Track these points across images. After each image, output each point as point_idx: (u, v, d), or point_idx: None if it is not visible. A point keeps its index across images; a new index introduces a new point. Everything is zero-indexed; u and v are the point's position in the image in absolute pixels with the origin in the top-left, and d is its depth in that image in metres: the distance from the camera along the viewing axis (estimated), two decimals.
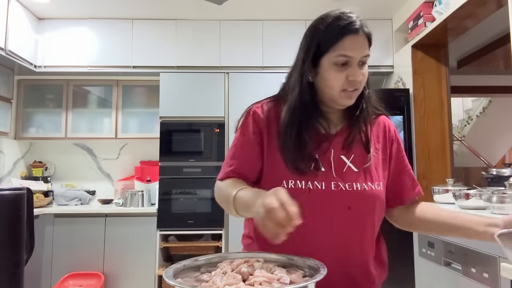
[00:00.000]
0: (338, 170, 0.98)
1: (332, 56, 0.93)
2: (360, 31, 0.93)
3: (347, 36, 0.92)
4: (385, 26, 3.56)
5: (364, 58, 0.94)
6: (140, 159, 3.82)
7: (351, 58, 0.93)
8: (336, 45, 0.93)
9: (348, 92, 0.95)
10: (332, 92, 0.96)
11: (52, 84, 3.71)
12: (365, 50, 0.94)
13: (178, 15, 3.53)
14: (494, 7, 2.47)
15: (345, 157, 0.99)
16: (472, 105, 5.68)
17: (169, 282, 0.65)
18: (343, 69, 0.94)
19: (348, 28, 0.93)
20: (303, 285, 0.62)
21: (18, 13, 3.23)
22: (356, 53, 0.93)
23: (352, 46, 0.93)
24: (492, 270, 1.56)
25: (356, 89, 0.96)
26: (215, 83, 3.41)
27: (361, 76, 0.94)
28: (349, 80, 0.93)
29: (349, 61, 0.93)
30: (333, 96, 0.97)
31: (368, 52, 0.95)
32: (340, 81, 0.94)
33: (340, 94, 0.96)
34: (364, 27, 0.94)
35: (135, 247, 3.19)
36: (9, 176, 3.55)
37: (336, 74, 0.94)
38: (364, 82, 0.97)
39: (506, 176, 2.29)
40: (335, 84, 0.95)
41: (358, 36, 0.93)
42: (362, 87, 0.97)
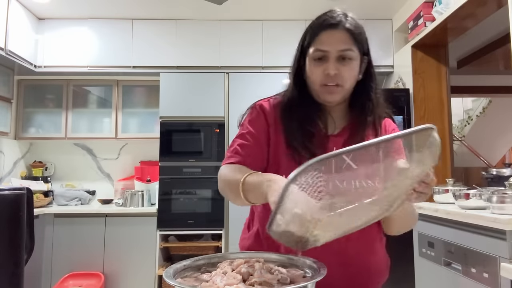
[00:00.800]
0: None
1: (311, 51, 0.97)
2: (338, 26, 0.95)
3: (323, 31, 0.95)
4: (385, 26, 3.56)
5: (343, 53, 0.94)
6: (140, 159, 3.82)
7: (327, 53, 0.94)
8: (314, 41, 0.96)
9: (328, 87, 0.96)
10: (314, 87, 0.98)
11: (52, 84, 3.71)
12: (342, 45, 0.94)
13: (178, 15, 3.53)
14: (494, 7, 2.47)
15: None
16: (472, 105, 5.68)
17: (169, 282, 0.65)
18: (321, 64, 0.95)
19: (324, 24, 0.96)
20: (303, 285, 0.62)
21: (18, 13, 3.23)
22: (331, 47, 0.94)
23: (328, 40, 0.94)
24: (492, 270, 1.56)
25: (337, 85, 0.96)
26: (215, 83, 3.41)
27: (335, 70, 0.94)
28: (325, 74, 0.94)
29: (326, 56, 0.95)
30: (316, 91, 0.99)
31: (349, 47, 0.95)
32: (317, 75, 0.96)
33: (320, 89, 0.97)
34: (345, 23, 0.95)
35: (135, 247, 3.19)
36: (9, 176, 3.55)
37: (314, 68, 0.97)
38: (348, 78, 0.96)
39: (506, 176, 2.29)
40: (314, 78, 0.97)
41: (335, 31, 0.95)
42: (346, 83, 0.96)
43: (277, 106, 1.05)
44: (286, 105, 1.03)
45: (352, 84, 0.99)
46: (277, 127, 1.02)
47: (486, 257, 1.60)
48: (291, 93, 1.04)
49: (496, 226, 1.53)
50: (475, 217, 1.67)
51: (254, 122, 1.04)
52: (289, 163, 0.95)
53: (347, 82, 0.96)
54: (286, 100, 1.04)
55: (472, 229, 1.73)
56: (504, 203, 1.60)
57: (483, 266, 1.61)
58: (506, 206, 1.59)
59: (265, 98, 1.09)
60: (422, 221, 2.21)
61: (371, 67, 1.04)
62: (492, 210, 1.67)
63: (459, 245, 1.81)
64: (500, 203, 1.62)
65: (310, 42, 0.97)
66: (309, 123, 0.99)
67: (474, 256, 1.68)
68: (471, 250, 1.71)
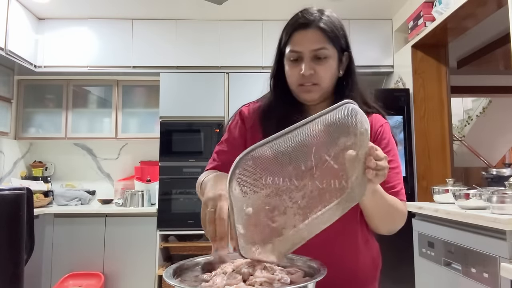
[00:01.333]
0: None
1: (287, 52, 0.98)
2: (310, 26, 0.94)
3: (295, 32, 0.96)
4: (385, 26, 3.56)
5: (318, 52, 0.94)
6: (140, 159, 3.82)
7: (300, 53, 0.95)
8: (288, 42, 0.97)
9: (305, 86, 0.96)
10: (292, 87, 1.00)
11: (52, 84, 3.71)
12: (316, 44, 0.94)
13: (178, 15, 3.53)
14: (494, 7, 2.47)
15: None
16: (472, 105, 5.68)
17: (169, 282, 0.65)
18: (297, 64, 0.96)
19: (296, 24, 0.97)
20: (303, 285, 0.62)
21: (18, 13, 3.23)
22: (304, 47, 0.94)
23: (300, 41, 0.95)
24: (492, 270, 1.56)
25: (314, 84, 0.96)
26: (215, 83, 3.41)
27: (310, 70, 0.94)
28: (301, 74, 0.95)
29: (300, 56, 0.95)
30: (294, 91, 1.00)
31: (322, 46, 0.94)
32: (294, 76, 0.97)
33: (298, 88, 0.98)
34: (318, 22, 0.95)
35: (135, 247, 3.19)
36: (9, 176, 3.55)
37: (291, 69, 0.98)
38: (324, 77, 0.96)
39: (506, 176, 2.29)
40: (291, 80, 0.98)
41: (307, 31, 0.95)
42: (323, 81, 0.96)
43: (256, 110, 1.06)
44: (265, 107, 1.05)
45: (330, 82, 0.99)
46: (254, 131, 1.03)
47: (486, 257, 1.60)
48: (271, 95, 1.06)
49: (496, 226, 1.53)
50: (475, 217, 1.67)
51: (232, 128, 1.07)
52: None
53: (323, 81, 0.97)
54: (266, 102, 1.06)
55: (472, 229, 1.73)
56: (504, 203, 1.60)
57: (483, 266, 1.61)
58: (506, 206, 1.59)
59: (247, 103, 1.12)
60: (422, 221, 2.21)
61: (352, 63, 1.02)
62: (492, 210, 1.67)
63: (459, 245, 1.81)
64: (500, 203, 1.62)
65: (285, 43, 0.99)
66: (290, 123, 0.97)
67: (474, 256, 1.68)
68: (471, 250, 1.71)
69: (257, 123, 1.04)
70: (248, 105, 1.11)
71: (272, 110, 1.03)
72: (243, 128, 1.06)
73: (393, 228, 0.98)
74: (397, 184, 1.00)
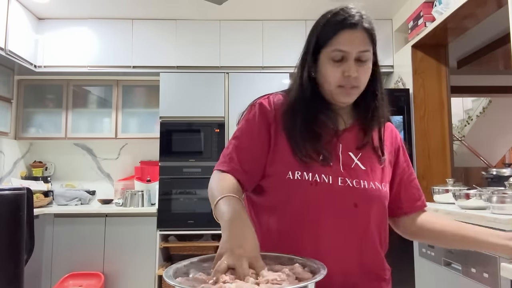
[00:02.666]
0: (346, 166, 0.95)
1: (329, 51, 0.93)
2: (357, 26, 0.92)
3: (342, 31, 0.91)
4: (385, 26, 3.56)
5: (362, 54, 0.92)
6: (140, 159, 3.81)
7: (347, 53, 0.91)
8: (332, 40, 0.92)
9: (345, 88, 0.93)
10: (329, 87, 0.95)
11: (52, 84, 3.71)
12: (362, 46, 0.92)
13: (178, 15, 3.52)
14: (494, 7, 2.47)
15: (353, 154, 0.97)
16: (472, 105, 5.68)
17: (169, 282, 0.65)
18: (339, 65, 0.92)
19: (344, 23, 0.92)
20: (303, 285, 0.62)
21: (18, 13, 3.23)
22: (352, 48, 0.91)
23: (348, 41, 0.91)
24: (492, 270, 1.56)
25: (354, 87, 0.93)
26: (215, 83, 3.41)
27: (356, 72, 0.91)
28: (345, 76, 0.91)
29: (345, 56, 0.91)
30: (331, 92, 0.96)
31: (367, 48, 0.93)
32: (336, 76, 0.93)
33: (337, 90, 0.94)
34: (364, 23, 0.93)
35: (135, 247, 3.19)
36: (9, 176, 3.55)
37: (332, 69, 0.93)
38: (364, 80, 0.94)
39: (506, 176, 2.29)
40: (331, 80, 0.94)
41: (355, 31, 0.91)
42: (362, 84, 0.95)
43: (278, 105, 1.00)
44: (290, 105, 0.98)
45: (365, 85, 0.97)
46: (278, 126, 0.97)
47: (486, 257, 1.60)
48: (296, 93, 0.99)
49: (496, 226, 1.53)
50: (475, 217, 1.67)
51: (252, 121, 0.98)
52: (294, 163, 0.92)
53: (363, 83, 0.95)
54: (291, 100, 0.99)
55: None
56: (504, 203, 1.60)
57: (483, 266, 1.61)
58: (506, 206, 1.59)
59: (265, 96, 1.04)
60: None
61: (377, 66, 1.00)
62: (492, 210, 1.67)
63: None
64: (500, 203, 1.62)
65: (326, 41, 0.93)
66: (315, 123, 0.97)
67: (474, 256, 1.68)
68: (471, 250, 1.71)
69: (279, 119, 0.98)
70: (267, 96, 1.03)
71: (298, 109, 0.97)
72: (265, 121, 0.98)
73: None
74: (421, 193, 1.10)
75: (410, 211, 1.07)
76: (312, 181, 0.91)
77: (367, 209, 0.94)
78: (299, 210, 0.91)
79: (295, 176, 0.91)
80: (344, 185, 0.92)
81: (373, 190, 0.94)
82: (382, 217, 0.98)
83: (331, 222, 0.91)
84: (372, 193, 0.94)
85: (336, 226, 0.91)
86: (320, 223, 0.90)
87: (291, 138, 0.94)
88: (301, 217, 0.91)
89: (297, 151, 0.92)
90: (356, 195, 0.93)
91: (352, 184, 0.93)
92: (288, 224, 0.91)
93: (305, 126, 0.95)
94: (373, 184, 0.95)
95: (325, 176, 0.92)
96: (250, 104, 1.03)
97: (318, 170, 0.92)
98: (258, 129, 0.97)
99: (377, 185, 0.95)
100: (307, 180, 0.91)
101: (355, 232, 0.92)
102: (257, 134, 0.97)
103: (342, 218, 0.92)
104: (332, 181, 0.92)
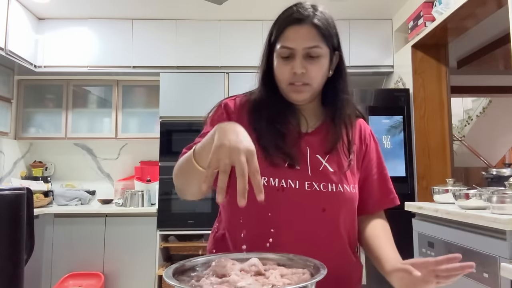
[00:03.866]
0: (314, 169, 0.92)
1: (278, 48, 0.91)
2: (304, 22, 0.89)
3: (289, 27, 0.90)
4: (385, 26, 3.56)
5: (311, 50, 0.89)
6: (140, 159, 3.81)
7: (293, 50, 0.89)
8: (280, 37, 0.91)
9: (295, 86, 0.91)
10: (281, 85, 0.94)
11: (52, 84, 3.71)
12: (309, 42, 0.88)
13: (178, 15, 3.52)
14: (494, 7, 2.47)
15: (321, 156, 0.94)
16: (472, 105, 5.68)
17: (169, 282, 0.65)
18: (288, 62, 0.90)
19: (289, 19, 0.90)
20: (303, 285, 0.62)
21: (18, 13, 3.23)
22: (297, 44, 0.88)
23: (293, 37, 0.89)
24: (492, 270, 1.56)
25: (305, 84, 0.91)
26: (215, 83, 3.41)
27: (302, 69, 0.89)
28: (292, 73, 0.90)
29: (292, 53, 0.89)
30: (283, 90, 0.94)
31: (315, 44, 0.89)
32: (285, 73, 0.91)
33: (288, 88, 0.93)
34: (313, 18, 0.89)
35: (135, 247, 3.19)
36: (9, 176, 3.55)
37: (282, 67, 0.91)
38: (315, 77, 0.91)
39: (506, 176, 2.29)
40: (281, 77, 0.92)
41: (301, 27, 0.89)
42: (314, 81, 0.92)
43: (244, 105, 0.99)
44: (255, 105, 0.98)
45: (321, 82, 0.94)
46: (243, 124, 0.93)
47: (486, 257, 1.60)
48: (260, 92, 0.99)
49: (496, 226, 1.53)
50: (475, 217, 1.67)
51: (217, 121, 0.96)
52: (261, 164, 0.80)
53: (315, 80, 0.92)
54: (255, 99, 0.99)
55: (472, 229, 1.73)
56: (504, 203, 1.60)
57: (483, 266, 1.61)
58: (506, 206, 1.59)
59: (232, 97, 1.03)
60: (422, 221, 2.21)
61: (342, 63, 0.97)
62: (492, 210, 1.67)
63: (459, 245, 1.81)
64: (500, 203, 1.62)
65: (276, 38, 0.92)
66: (280, 122, 0.94)
67: (474, 256, 1.68)
68: (471, 250, 1.71)
69: (245, 119, 0.95)
70: (233, 98, 1.03)
71: (262, 108, 0.96)
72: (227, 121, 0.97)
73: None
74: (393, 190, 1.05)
75: (370, 209, 1.02)
76: (279, 186, 0.89)
77: (336, 213, 0.91)
78: (265, 216, 0.88)
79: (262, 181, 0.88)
80: (311, 189, 0.90)
81: (341, 193, 0.92)
82: (351, 219, 0.96)
83: (298, 227, 0.88)
84: (341, 196, 0.92)
85: (304, 231, 0.89)
86: (287, 229, 0.88)
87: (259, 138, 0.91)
88: (267, 223, 0.88)
89: (264, 155, 0.90)
90: (324, 200, 0.90)
91: (319, 188, 0.90)
92: (253, 230, 0.87)
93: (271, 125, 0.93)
94: (341, 187, 0.92)
95: (291, 181, 0.90)
96: (216, 104, 1.03)
97: (284, 174, 0.90)
98: None
99: (346, 187, 0.93)
100: (273, 186, 0.89)
101: (323, 236, 0.90)
102: None
103: (309, 223, 0.89)
104: (299, 186, 0.90)
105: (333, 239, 0.92)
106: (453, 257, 0.76)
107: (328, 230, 0.91)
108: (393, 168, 3.01)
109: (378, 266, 0.93)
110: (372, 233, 0.98)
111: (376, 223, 1.01)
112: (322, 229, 0.90)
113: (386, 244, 0.95)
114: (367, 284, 2.80)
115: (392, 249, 0.93)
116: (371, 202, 1.02)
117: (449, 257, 0.76)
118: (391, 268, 0.86)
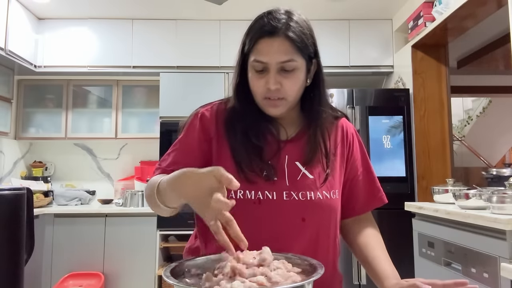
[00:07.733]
0: (292, 178, 0.90)
1: (251, 61, 0.87)
2: (276, 34, 0.83)
3: (261, 39, 0.85)
4: (385, 26, 3.56)
5: (285, 64, 0.84)
6: (140, 159, 3.82)
7: (266, 64, 0.84)
8: (253, 49, 0.87)
9: (271, 100, 0.87)
10: (256, 98, 0.90)
11: (52, 84, 3.71)
12: (283, 56, 0.83)
13: (178, 15, 3.53)
14: (494, 7, 2.47)
15: (300, 163, 0.91)
16: (472, 105, 5.68)
17: (169, 282, 0.65)
18: (263, 76, 0.86)
19: (262, 31, 0.85)
20: (300, 284, 0.62)
21: (18, 13, 3.23)
22: (270, 58, 0.83)
23: (266, 50, 0.84)
24: (492, 270, 1.56)
25: (280, 98, 0.87)
26: (215, 83, 3.41)
27: (276, 84, 0.84)
28: (266, 88, 0.85)
29: (266, 67, 0.85)
30: (259, 103, 0.90)
31: (290, 57, 0.84)
32: (259, 87, 0.87)
33: (264, 102, 0.88)
34: (286, 30, 0.84)
35: (135, 247, 3.19)
36: (9, 176, 3.55)
37: (256, 80, 0.87)
38: (290, 91, 0.87)
39: (506, 176, 2.29)
40: (255, 91, 0.88)
41: (274, 40, 0.84)
42: (289, 96, 0.87)
43: (220, 114, 0.95)
44: (229, 116, 0.93)
45: (298, 94, 0.90)
46: (220, 139, 0.92)
47: (486, 257, 1.60)
48: (233, 104, 0.94)
49: (496, 226, 1.53)
50: (475, 217, 1.67)
51: (192, 134, 0.94)
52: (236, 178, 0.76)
53: (290, 94, 0.87)
54: (229, 111, 0.94)
55: (472, 229, 1.73)
56: (504, 203, 1.60)
57: (483, 266, 1.61)
58: (506, 206, 1.59)
59: (208, 104, 0.99)
60: (422, 221, 2.21)
61: (320, 70, 0.92)
62: (492, 210, 1.67)
63: (459, 245, 1.81)
64: (500, 203, 1.62)
65: (248, 50, 0.88)
66: (255, 135, 0.90)
67: (474, 256, 1.68)
68: (471, 250, 1.71)
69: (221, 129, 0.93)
70: (210, 106, 0.98)
71: (236, 121, 0.92)
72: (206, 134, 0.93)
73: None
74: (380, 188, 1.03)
75: (357, 210, 1.01)
76: (255, 199, 0.87)
77: (316, 222, 0.90)
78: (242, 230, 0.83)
79: (238, 195, 0.86)
80: (290, 199, 0.88)
81: (321, 201, 0.90)
82: (333, 226, 0.94)
83: (277, 238, 0.86)
84: (320, 204, 0.90)
85: (284, 242, 0.86)
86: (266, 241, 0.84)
87: (233, 153, 0.89)
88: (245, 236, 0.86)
89: (240, 168, 0.87)
90: (303, 209, 0.88)
91: (298, 197, 0.88)
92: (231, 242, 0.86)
93: (246, 139, 0.90)
94: (320, 194, 0.90)
95: (268, 192, 0.87)
96: (193, 113, 0.99)
97: (261, 187, 0.87)
98: (197, 143, 0.93)
99: (325, 194, 0.90)
100: (249, 199, 0.87)
101: (303, 246, 0.88)
102: (196, 149, 0.93)
103: (289, 233, 0.88)
104: (276, 197, 0.87)
105: (314, 249, 0.89)
106: (461, 283, 0.75)
107: (308, 240, 0.89)
108: (393, 168, 3.01)
109: (375, 279, 0.91)
110: (365, 241, 0.97)
111: (369, 232, 0.99)
112: (302, 239, 0.88)
113: (381, 256, 0.93)
114: (367, 284, 2.80)
115: (388, 262, 0.92)
116: (359, 202, 1.01)
117: (457, 282, 0.75)
118: (391, 286, 0.85)
